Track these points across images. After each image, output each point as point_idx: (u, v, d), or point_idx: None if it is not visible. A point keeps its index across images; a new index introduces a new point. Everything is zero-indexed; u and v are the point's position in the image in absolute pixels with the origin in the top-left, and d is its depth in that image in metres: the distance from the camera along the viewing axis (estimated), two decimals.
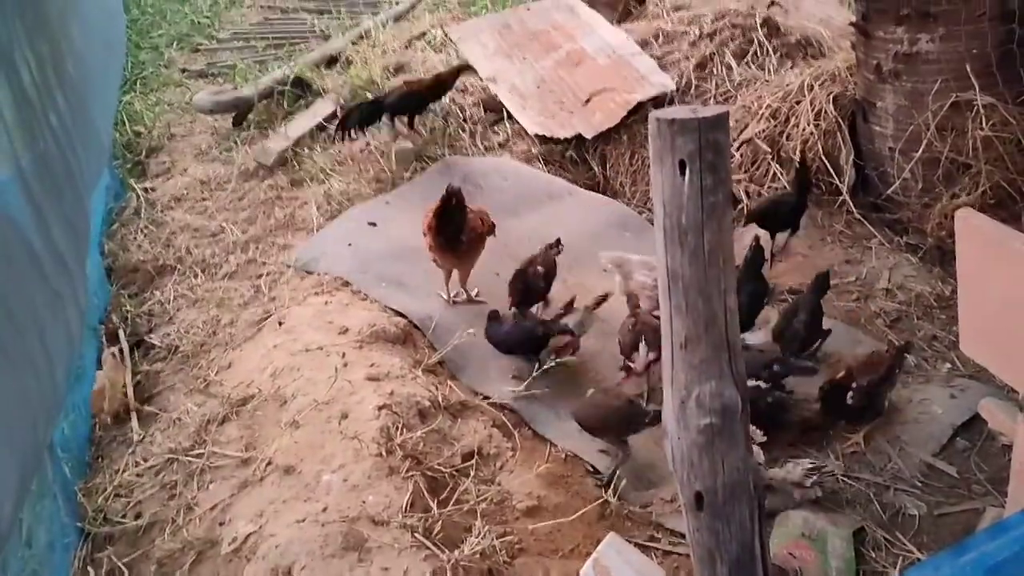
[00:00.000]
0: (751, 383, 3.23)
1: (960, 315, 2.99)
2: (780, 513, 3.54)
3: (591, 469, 3.92)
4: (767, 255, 5.00)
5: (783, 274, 5.21)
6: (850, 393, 3.92)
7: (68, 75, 5.64)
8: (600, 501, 3.66)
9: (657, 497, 3.75)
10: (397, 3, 9.81)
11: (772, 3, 7.54)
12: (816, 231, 5.52)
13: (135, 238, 5.72)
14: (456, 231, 4.60)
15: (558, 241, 4.94)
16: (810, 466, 3.69)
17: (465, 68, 6.82)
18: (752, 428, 3.35)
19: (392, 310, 4.65)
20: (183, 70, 8.64)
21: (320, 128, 6.81)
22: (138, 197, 6.22)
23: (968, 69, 4.99)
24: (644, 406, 3.95)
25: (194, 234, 5.73)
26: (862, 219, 5.49)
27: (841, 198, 5.54)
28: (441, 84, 6.40)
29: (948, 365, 4.41)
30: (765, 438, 3.79)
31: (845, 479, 3.78)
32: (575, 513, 3.57)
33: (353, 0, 10.58)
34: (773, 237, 5.28)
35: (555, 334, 4.38)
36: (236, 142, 6.89)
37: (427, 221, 4.64)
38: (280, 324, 4.57)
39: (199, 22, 9.82)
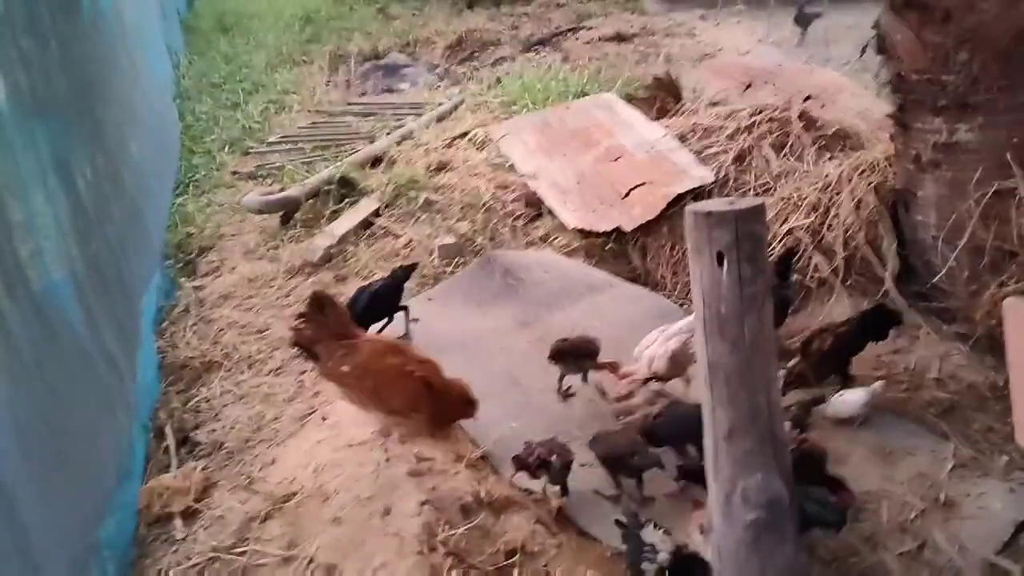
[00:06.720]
0: None
1: (1014, 406, 2.92)
2: None
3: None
4: None
5: None
6: None
7: (123, 182, 5.89)
8: None
9: None
10: (440, 105, 10.10)
11: (808, 97, 7.64)
12: None
13: (184, 335, 5.82)
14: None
15: None
16: None
17: None
18: None
19: None
20: (234, 172, 8.92)
21: (365, 226, 6.95)
22: (188, 295, 6.36)
23: (1009, 157, 4.97)
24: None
25: (241, 331, 5.83)
26: (908, 308, 5.40)
27: (884, 288, 5.48)
28: None
29: (1005, 458, 4.26)
30: None
31: None
32: None
33: (398, 103, 10.93)
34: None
35: None
36: (283, 240, 7.06)
37: None
38: (323, 419, 4.60)
39: (250, 127, 10.17)
